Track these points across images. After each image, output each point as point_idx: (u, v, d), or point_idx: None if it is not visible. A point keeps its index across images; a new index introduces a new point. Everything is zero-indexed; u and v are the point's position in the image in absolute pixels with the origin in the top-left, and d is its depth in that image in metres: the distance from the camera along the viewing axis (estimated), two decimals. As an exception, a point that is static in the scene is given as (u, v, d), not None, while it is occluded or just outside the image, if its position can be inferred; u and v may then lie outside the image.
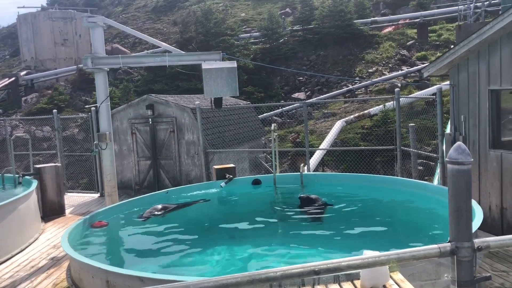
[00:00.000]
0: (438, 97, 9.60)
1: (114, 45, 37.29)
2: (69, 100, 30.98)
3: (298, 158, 17.58)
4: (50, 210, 11.05)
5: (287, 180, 10.15)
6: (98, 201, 12.78)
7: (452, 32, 28.50)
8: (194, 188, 10.20)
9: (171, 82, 29.35)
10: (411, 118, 15.92)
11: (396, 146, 11.16)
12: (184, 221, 8.46)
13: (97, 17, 9.09)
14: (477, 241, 2.56)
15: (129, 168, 14.20)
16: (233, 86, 8.23)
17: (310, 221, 7.96)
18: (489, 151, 7.89)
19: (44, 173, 11.08)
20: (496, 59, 7.66)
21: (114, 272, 5.26)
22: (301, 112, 22.33)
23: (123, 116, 14.12)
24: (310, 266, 2.42)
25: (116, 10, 53.64)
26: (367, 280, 3.89)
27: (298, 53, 31.93)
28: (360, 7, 33.83)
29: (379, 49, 29.98)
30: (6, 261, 8.07)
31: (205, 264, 6.36)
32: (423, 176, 13.61)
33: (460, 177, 2.54)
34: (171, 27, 41.69)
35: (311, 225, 7.86)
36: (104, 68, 8.96)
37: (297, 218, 8.16)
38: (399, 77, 26.21)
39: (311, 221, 7.96)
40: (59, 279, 7.03)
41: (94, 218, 8.20)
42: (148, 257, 6.91)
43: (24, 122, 25.90)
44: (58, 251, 8.33)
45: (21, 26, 37.93)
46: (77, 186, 18.57)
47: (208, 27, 31.98)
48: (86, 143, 18.88)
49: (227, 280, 2.30)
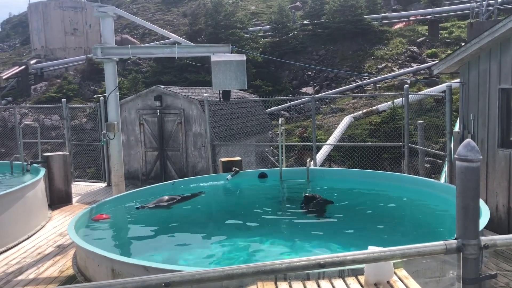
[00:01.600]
0: (448, 95, 9.53)
1: (124, 35, 37.33)
2: (78, 89, 31.10)
3: (304, 153, 17.55)
4: (57, 198, 11.14)
5: (293, 175, 10.15)
6: (105, 190, 12.86)
7: (463, 29, 28.23)
8: (200, 180, 10.24)
9: (180, 74, 29.36)
10: (419, 115, 15.83)
11: (403, 143, 11.11)
12: (190, 212, 8.50)
13: (107, 7, 9.09)
14: (484, 239, 2.55)
15: (136, 158, 14.26)
16: (241, 79, 8.22)
17: (313, 218, 7.95)
18: (498, 150, 7.83)
19: (52, 162, 11.16)
20: (507, 58, 7.58)
21: (119, 261, 5.31)
22: (309, 106, 22.26)
23: (131, 107, 14.17)
24: (315, 259, 2.42)
25: (126, 1, 53.64)
26: (372, 276, 3.89)
27: (307, 48, 31.78)
28: (371, 3, 33.57)
29: (389, 45, 29.77)
30: (14, 247, 8.16)
31: (211, 254, 6.39)
32: (430, 174, 13.55)
33: (469, 175, 2.53)
34: (180, 19, 41.64)
35: (316, 220, 7.86)
36: (114, 58, 8.97)
37: (301, 213, 8.16)
38: (409, 74, 26.03)
39: (314, 218, 7.96)
40: (65, 267, 7.10)
41: (101, 207, 8.25)
42: (153, 247, 6.95)
43: (33, 111, 26.04)
44: (65, 239, 8.41)
45: (32, 15, 38.07)
46: (85, 175, 18.69)
47: (217, 20, 31.90)
48: (94, 133, 18.98)
49: (233, 270, 2.31)
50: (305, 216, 8.01)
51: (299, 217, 8.04)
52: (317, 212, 8.04)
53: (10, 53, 46.47)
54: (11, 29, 56.31)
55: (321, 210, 8.08)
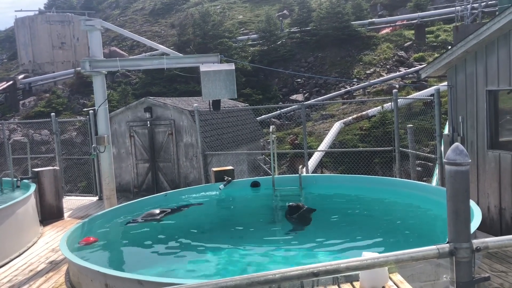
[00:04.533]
0: (436, 98, 9.61)
1: (112, 48, 37.30)
2: (67, 103, 30.96)
3: (296, 160, 17.59)
4: (48, 214, 11.02)
5: (286, 182, 10.14)
6: (96, 204, 12.75)
7: (449, 33, 28.57)
8: (193, 190, 10.20)
9: (169, 85, 29.36)
10: (409, 119, 15.94)
11: (394, 147, 11.17)
12: (183, 224, 8.45)
13: (94, 20, 9.08)
14: (476, 242, 2.56)
15: (127, 171, 14.18)
16: (231, 88, 8.23)
17: (298, 227, 7.91)
18: (487, 152, 7.90)
19: (43, 177, 11.05)
20: (493, 60, 7.68)
21: (113, 276, 5.25)
22: (299, 113, 22.33)
23: (121, 119, 14.11)
24: (309, 268, 2.41)
25: (114, 13, 53.66)
26: (366, 282, 3.88)
27: (296, 55, 31.97)
28: (357, 9, 33.91)
29: (377, 50, 30.04)
30: (5, 265, 8.03)
31: (204, 267, 6.35)
32: (422, 177, 13.62)
33: (458, 178, 2.54)
34: (168, 30, 41.71)
35: (309, 229, 7.84)
36: (102, 71, 8.95)
37: (292, 221, 8.14)
38: (397, 78, 26.27)
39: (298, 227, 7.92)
40: (58, 283, 7.01)
41: (93, 222, 8.17)
42: (147, 260, 6.89)
43: (22, 126, 25.86)
44: (57, 255, 8.31)
45: (19, 29, 37.92)
46: (76, 190, 18.55)
47: (205, 30, 32.02)
48: (85, 146, 18.87)
49: (226, 282, 2.30)
50: (296, 226, 7.97)
51: (291, 226, 8.01)
52: (302, 221, 7.97)
53: (-3, 68, 46.17)
54: (-2, 45, 55.99)
55: (307, 219, 8.01)
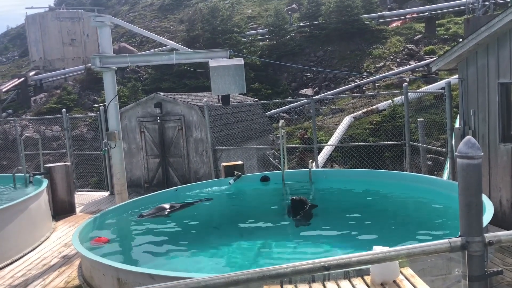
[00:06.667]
0: (447, 91, 9.53)
1: (122, 44, 37.42)
2: (78, 99, 31.16)
3: (306, 155, 17.54)
4: (60, 209, 11.14)
5: (295, 177, 10.15)
6: (108, 199, 12.86)
7: (460, 25, 28.24)
8: (203, 185, 10.24)
9: (179, 80, 29.41)
10: (419, 113, 15.82)
11: (405, 141, 11.10)
12: (193, 219, 8.50)
13: (104, 16, 9.12)
14: (488, 236, 2.54)
15: (138, 166, 14.27)
16: (240, 83, 8.22)
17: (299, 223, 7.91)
18: (499, 145, 7.82)
19: (54, 172, 11.17)
20: (505, 52, 7.59)
21: (125, 270, 5.30)
22: (309, 108, 22.26)
23: (131, 115, 14.18)
24: (320, 262, 2.42)
25: (123, 9, 53.80)
26: (377, 276, 3.88)
27: (305, 49, 31.82)
28: (367, 2, 33.62)
29: (387, 44, 29.79)
30: (19, 259, 8.16)
31: (215, 261, 6.39)
32: (433, 171, 13.53)
33: (470, 172, 2.53)
34: (177, 25, 41.73)
35: (320, 223, 7.84)
36: (112, 67, 9.00)
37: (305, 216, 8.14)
38: (407, 72, 26.04)
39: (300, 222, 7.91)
40: (71, 277, 7.10)
41: (105, 216, 8.24)
42: (158, 254, 6.94)
43: (33, 122, 26.09)
44: (70, 250, 8.41)
45: (29, 26, 38.18)
46: (87, 185, 18.71)
47: (214, 25, 31.96)
48: (95, 142, 19.01)
49: (238, 276, 2.31)
50: (308, 220, 7.96)
51: (302, 220, 8.01)
52: (305, 217, 7.94)
53: (9, 65, 46.60)
54: (9, 42, 56.48)
55: (309, 215, 8.00)
